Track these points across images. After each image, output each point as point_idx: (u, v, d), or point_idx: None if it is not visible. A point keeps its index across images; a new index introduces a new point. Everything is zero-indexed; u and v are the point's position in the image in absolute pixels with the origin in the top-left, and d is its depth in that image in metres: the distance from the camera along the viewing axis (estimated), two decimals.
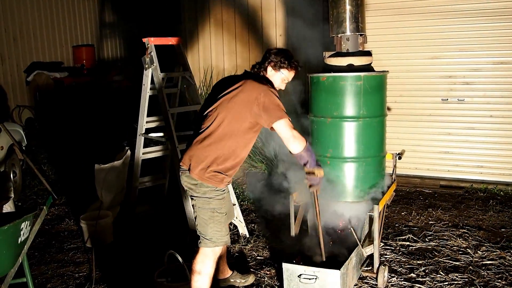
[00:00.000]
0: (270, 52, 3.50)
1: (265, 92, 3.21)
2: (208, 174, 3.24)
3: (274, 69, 3.44)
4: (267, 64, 3.46)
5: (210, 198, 3.29)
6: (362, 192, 4.20)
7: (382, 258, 4.38)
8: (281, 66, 3.43)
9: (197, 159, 3.25)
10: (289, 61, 3.45)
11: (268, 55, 3.48)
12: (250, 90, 3.24)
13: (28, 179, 7.03)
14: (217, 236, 3.31)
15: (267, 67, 3.46)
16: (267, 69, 3.46)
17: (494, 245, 4.64)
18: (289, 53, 3.52)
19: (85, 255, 4.72)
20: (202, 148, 3.25)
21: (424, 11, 6.49)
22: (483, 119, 6.44)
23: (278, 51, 3.49)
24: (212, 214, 3.30)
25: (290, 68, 3.46)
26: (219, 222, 3.32)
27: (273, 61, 3.44)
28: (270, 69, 3.45)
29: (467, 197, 6.12)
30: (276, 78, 3.46)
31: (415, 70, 6.70)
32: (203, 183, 3.26)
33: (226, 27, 8.31)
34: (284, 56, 3.45)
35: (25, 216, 3.08)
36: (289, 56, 3.47)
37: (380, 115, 4.24)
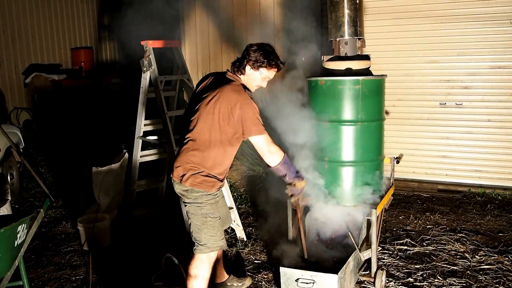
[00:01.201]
0: (249, 49, 3.31)
1: (240, 103, 3.14)
2: (198, 180, 3.24)
3: (252, 68, 3.30)
4: (245, 63, 3.31)
5: (201, 203, 3.27)
6: (360, 196, 4.19)
7: (380, 262, 4.38)
8: (259, 65, 3.28)
9: (186, 167, 3.26)
10: (268, 59, 3.28)
11: (246, 53, 3.32)
12: (226, 101, 3.16)
13: (25, 181, 7.01)
14: (212, 241, 3.29)
15: (246, 65, 3.31)
16: (245, 68, 3.32)
17: (492, 249, 4.64)
18: (270, 48, 3.33)
19: (82, 258, 4.70)
20: (190, 156, 3.26)
21: (422, 15, 6.49)
22: (481, 123, 6.44)
23: (257, 48, 3.30)
24: (204, 219, 3.28)
25: (269, 67, 3.31)
26: (213, 227, 3.30)
27: (251, 59, 3.28)
28: (249, 68, 3.32)
29: (465, 201, 6.11)
30: (255, 77, 3.34)
31: (413, 74, 6.71)
32: (193, 188, 3.25)
33: (225, 29, 8.30)
34: (263, 54, 3.27)
35: (22, 219, 3.07)
36: (268, 53, 3.29)
37: (378, 119, 4.24)
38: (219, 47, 8.48)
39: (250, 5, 7.98)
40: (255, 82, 3.36)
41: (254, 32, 7.91)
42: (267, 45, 3.36)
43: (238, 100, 3.14)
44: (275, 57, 3.32)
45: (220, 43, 8.47)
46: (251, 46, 3.33)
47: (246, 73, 3.33)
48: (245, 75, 3.35)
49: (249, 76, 3.34)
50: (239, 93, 3.19)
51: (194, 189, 3.26)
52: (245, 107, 3.13)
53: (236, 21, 8.14)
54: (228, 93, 3.19)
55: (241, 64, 3.32)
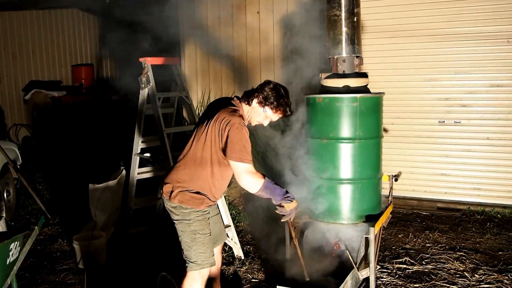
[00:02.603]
0: (264, 84, 3.33)
1: (232, 124, 3.12)
2: (186, 197, 3.24)
3: (259, 103, 3.30)
4: (255, 95, 3.31)
5: (189, 220, 3.26)
6: (358, 214, 4.16)
7: (378, 281, 4.33)
8: (266, 103, 3.28)
9: (175, 184, 3.28)
10: (278, 101, 3.27)
11: (260, 86, 3.33)
12: (220, 121, 3.16)
13: (22, 198, 6.97)
14: (202, 258, 3.27)
15: (254, 98, 3.31)
16: (253, 100, 3.32)
17: (492, 268, 4.59)
18: (284, 92, 3.32)
19: (77, 276, 4.65)
20: (180, 173, 3.29)
21: (420, 33, 6.53)
22: (480, 141, 6.43)
23: (272, 86, 3.30)
24: (194, 236, 3.26)
25: (275, 109, 3.30)
26: (202, 243, 3.27)
27: (261, 94, 3.29)
28: (256, 102, 3.31)
29: (464, 219, 6.07)
30: (258, 112, 3.33)
31: (411, 92, 6.72)
32: (181, 205, 3.25)
33: (224, 44, 8.33)
34: (275, 95, 3.27)
35: (15, 236, 3.04)
36: (280, 96, 3.28)
37: (376, 137, 4.23)
38: (218, 67, 8.51)
39: (250, 27, 8.02)
40: (257, 117, 3.35)
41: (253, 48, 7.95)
42: (284, 88, 3.35)
43: (230, 121, 3.13)
44: (286, 102, 3.30)
45: (219, 62, 8.50)
46: (269, 83, 3.34)
47: (252, 105, 3.32)
48: (250, 107, 3.33)
49: (254, 110, 3.33)
50: (233, 116, 3.17)
51: (182, 206, 3.25)
52: (234, 130, 3.10)
53: (235, 38, 8.18)
54: (223, 114, 3.19)
55: (251, 95, 3.32)
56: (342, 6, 4.20)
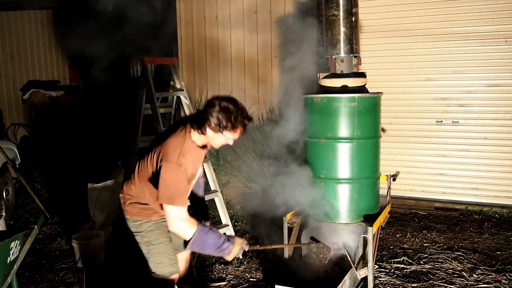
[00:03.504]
0: (210, 108, 2.93)
1: (167, 172, 2.88)
2: (136, 209, 3.18)
3: (214, 131, 2.95)
4: (206, 125, 2.95)
5: (141, 232, 3.21)
6: (356, 214, 4.18)
7: (376, 281, 4.34)
8: (222, 128, 2.93)
9: (126, 196, 3.22)
10: (232, 123, 2.92)
11: (206, 113, 2.92)
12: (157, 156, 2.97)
13: (21, 198, 6.98)
14: (159, 268, 3.22)
15: (206, 127, 2.96)
16: (206, 130, 2.97)
17: (490, 268, 4.61)
18: (234, 106, 2.94)
19: (76, 275, 4.65)
20: (129, 188, 3.21)
21: (418, 33, 6.55)
22: (477, 141, 6.45)
23: (219, 109, 2.90)
24: (148, 247, 3.21)
25: (233, 130, 2.96)
26: (158, 253, 3.20)
27: (212, 122, 2.91)
28: (209, 131, 2.97)
29: (462, 219, 6.09)
30: (217, 138, 3.02)
31: (409, 92, 6.74)
32: (132, 217, 3.21)
33: (221, 47, 8.34)
34: (225, 116, 2.90)
35: (15, 235, 3.05)
36: (231, 116, 2.91)
37: (374, 136, 4.24)
38: (216, 64, 8.51)
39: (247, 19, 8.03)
40: (218, 142, 3.06)
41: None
42: (232, 102, 2.97)
43: (166, 159, 2.90)
44: (241, 115, 2.95)
45: (217, 59, 8.50)
46: (213, 105, 2.93)
47: (207, 134, 3.00)
48: (205, 136, 3.02)
49: (211, 138, 3.03)
50: (172, 153, 2.92)
51: (133, 218, 3.20)
52: (168, 170, 2.88)
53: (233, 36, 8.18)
54: (165, 148, 2.97)
55: (201, 125, 2.96)
56: (340, 6, 4.21)
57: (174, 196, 2.88)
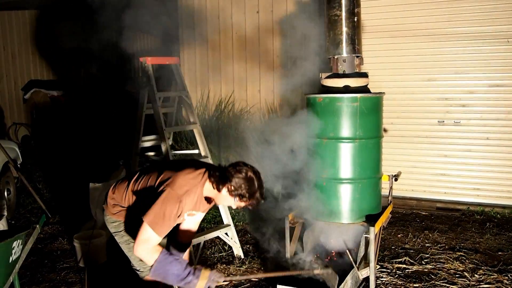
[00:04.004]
0: (236, 172, 2.89)
1: (166, 197, 2.84)
2: (115, 209, 3.20)
3: (229, 193, 2.90)
4: (225, 184, 2.90)
5: (120, 232, 3.23)
6: (358, 214, 4.17)
7: (378, 281, 4.34)
8: (237, 195, 2.89)
9: (113, 200, 3.23)
10: (251, 195, 2.89)
11: (229, 174, 2.89)
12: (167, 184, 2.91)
13: (22, 197, 6.98)
14: (142, 265, 3.22)
15: (223, 187, 2.91)
16: (222, 189, 2.92)
17: (491, 268, 4.61)
18: (257, 181, 2.92)
19: (78, 275, 4.66)
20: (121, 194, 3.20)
21: (420, 33, 6.55)
22: (479, 141, 6.45)
23: (245, 176, 2.87)
24: (128, 246, 3.21)
25: (246, 202, 2.93)
26: None
27: (232, 185, 2.87)
28: (225, 191, 2.92)
29: (464, 219, 6.09)
30: (227, 200, 2.96)
31: (411, 92, 6.74)
32: (111, 217, 3.23)
33: (224, 47, 8.35)
34: (247, 187, 2.86)
35: (17, 235, 3.05)
36: (253, 189, 2.88)
37: (376, 137, 4.24)
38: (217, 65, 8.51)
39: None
40: (225, 203, 3.02)
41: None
42: (257, 176, 2.95)
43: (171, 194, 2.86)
44: (259, 191, 2.93)
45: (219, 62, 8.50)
46: (240, 170, 2.90)
47: (221, 192, 2.94)
48: (218, 193, 2.97)
49: (222, 197, 2.97)
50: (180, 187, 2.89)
51: (112, 218, 3.23)
52: (167, 196, 2.84)
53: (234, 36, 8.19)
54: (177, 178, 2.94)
55: (220, 182, 2.92)
56: (343, 6, 4.21)
57: (159, 222, 2.81)
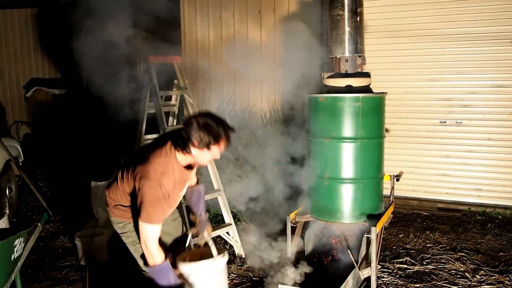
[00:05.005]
0: (189, 127, 2.87)
1: (147, 190, 2.84)
2: (118, 211, 3.18)
3: (199, 149, 2.89)
4: (190, 145, 2.89)
5: (126, 233, 3.22)
6: (360, 214, 4.18)
7: (379, 281, 4.33)
8: (205, 146, 2.87)
9: (112, 200, 3.22)
10: (215, 137, 2.87)
11: (186, 134, 2.87)
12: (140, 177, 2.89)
13: (24, 195, 6.99)
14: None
15: (191, 148, 2.90)
16: (190, 150, 2.91)
17: (493, 269, 4.60)
18: (212, 121, 2.89)
19: (79, 273, 4.66)
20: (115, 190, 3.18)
21: (422, 34, 6.54)
22: (481, 142, 6.44)
23: (198, 127, 2.84)
24: (134, 247, 3.23)
25: (217, 144, 2.90)
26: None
27: (195, 141, 2.86)
28: (195, 150, 2.90)
29: (465, 220, 6.08)
30: (203, 155, 2.94)
31: (413, 92, 6.73)
32: (116, 219, 3.22)
33: (225, 45, 8.34)
34: (206, 133, 2.84)
35: (19, 233, 3.04)
36: (212, 131, 2.86)
37: (378, 137, 4.24)
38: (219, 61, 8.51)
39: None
40: (205, 158, 2.99)
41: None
42: (210, 117, 2.92)
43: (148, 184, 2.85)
44: (222, 127, 2.91)
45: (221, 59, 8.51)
46: (191, 123, 2.88)
47: (193, 154, 2.94)
48: (191, 156, 2.96)
49: (197, 156, 2.96)
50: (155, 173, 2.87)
51: (117, 220, 3.22)
52: (147, 189, 2.84)
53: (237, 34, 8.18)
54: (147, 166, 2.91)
55: (185, 146, 2.91)
56: (345, 6, 4.21)
57: (151, 214, 2.85)
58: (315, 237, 4.32)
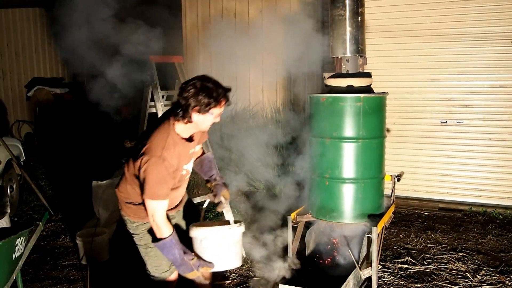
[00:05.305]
0: (187, 95, 2.83)
1: (149, 166, 2.81)
2: (131, 210, 3.13)
3: (201, 113, 2.87)
4: (190, 111, 2.85)
5: (138, 234, 3.17)
6: (361, 214, 4.17)
7: (380, 281, 4.34)
8: (206, 108, 2.85)
9: (120, 194, 3.18)
10: (215, 97, 2.85)
11: (185, 100, 2.84)
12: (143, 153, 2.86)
13: (25, 194, 7.00)
14: (158, 271, 3.20)
15: (192, 114, 2.87)
16: (192, 116, 2.87)
17: (493, 269, 4.61)
18: (209, 82, 2.88)
19: (80, 272, 4.67)
20: (124, 183, 3.15)
21: (423, 34, 6.54)
22: (482, 142, 6.44)
23: (195, 90, 2.82)
24: (145, 250, 3.18)
25: (219, 104, 2.89)
26: (155, 256, 3.16)
27: (196, 106, 2.83)
28: (197, 115, 2.87)
29: (466, 220, 6.08)
30: (205, 119, 2.92)
31: (414, 92, 6.73)
32: (129, 218, 3.17)
33: (226, 44, 8.33)
34: (206, 95, 2.82)
35: (21, 232, 3.05)
36: (211, 90, 2.84)
37: (379, 136, 4.24)
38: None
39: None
40: (207, 123, 2.96)
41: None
42: (204, 79, 2.89)
43: (150, 162, 2.82)
44: (219, 88, 2.90)
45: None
46: (188, 90, 2.85)
47: (194, 120, 2.90)
48: (193, 123, 2.92)
49: (199, 121, 2.92)
50: (156, 149, 2.85)
51: (130, 220, 3.17)
52: (152, 170, 2.81)
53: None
54: (149, 143, 2.90)
55: (186, 114, 2.87)
56: (347, 6, 4.20)
57: (152, 190, 2.83)
58: (316, 237, 4.32)
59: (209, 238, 2.99)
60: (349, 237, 4.13)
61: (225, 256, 3.03)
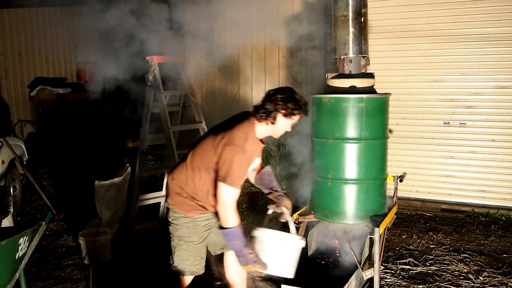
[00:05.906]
0: (277, 98, 3.11)
1: (235, 155, 2.97)
2: (179, 200, 3.21)
3: (286, 117, 3.12)
4: (277, 113, 3.10)
5: (177, 225, 3.24)
6: (363, 214, 4.18)
7: (382, 282, 4.33)
8: (294, 113, 3.12)
9: (172, 183, 3.25)
10: (300, 106, 3.13)
11: (275, 103, 3.10)
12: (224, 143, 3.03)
13: (28, 194, 7.01)
14: (182, 265, 3.26)
15: (277, 115, 3.11)
16: (276, 118, 3.11)
17: (496, 270, 4.60)
18: (295, 93, 3.18)
19: (83, 272, 4.67)
20: (179, 173, 3.23)
21: (426, 34, 6.53)
22: (485, 143, 6.43)
23: (286, 97, 3.11)
24: (178, 242, 3.25)
25: (301, 113, 3.17)
26: (186, 250, 3.24)
27: (286, 109, 3.09)
28: (281, 118, 3.12)
29: (469, 221, 6.07)
30: (286, 124, 3.17)
31: (417, 93, 6.72)
32: (173, 208, 3.24)
33: (229, 43, 8.34)
34: (294, 101, 3.11)
35: (24, 231, 3.06)
36: (297, 100, 3.14)
37: (382, 137, 4.24)
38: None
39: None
40: (284, 128, 3.20)
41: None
42: (290, 90, 3.19)
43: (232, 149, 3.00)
44: (301, 100, 3.17)
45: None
46: (283, 92, 3.15)
47: (276, 122, 3.13)
48: (275, 124, 3.14)
49: (279, 125, 3.16)
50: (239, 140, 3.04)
51: (174, 209, 3.24)
52: (230, 153, 2.99)
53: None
54: (231, 134, 3.07)
55: (270, 114, 3.10)
56: (350, 7, 4.21)
57: (233, 177, 2.97)
58: (318, 237, 4.32)
59: (270, 240, 3.11)
60: (351, 238, 4.12)
61: (279, 262, 3.12)
